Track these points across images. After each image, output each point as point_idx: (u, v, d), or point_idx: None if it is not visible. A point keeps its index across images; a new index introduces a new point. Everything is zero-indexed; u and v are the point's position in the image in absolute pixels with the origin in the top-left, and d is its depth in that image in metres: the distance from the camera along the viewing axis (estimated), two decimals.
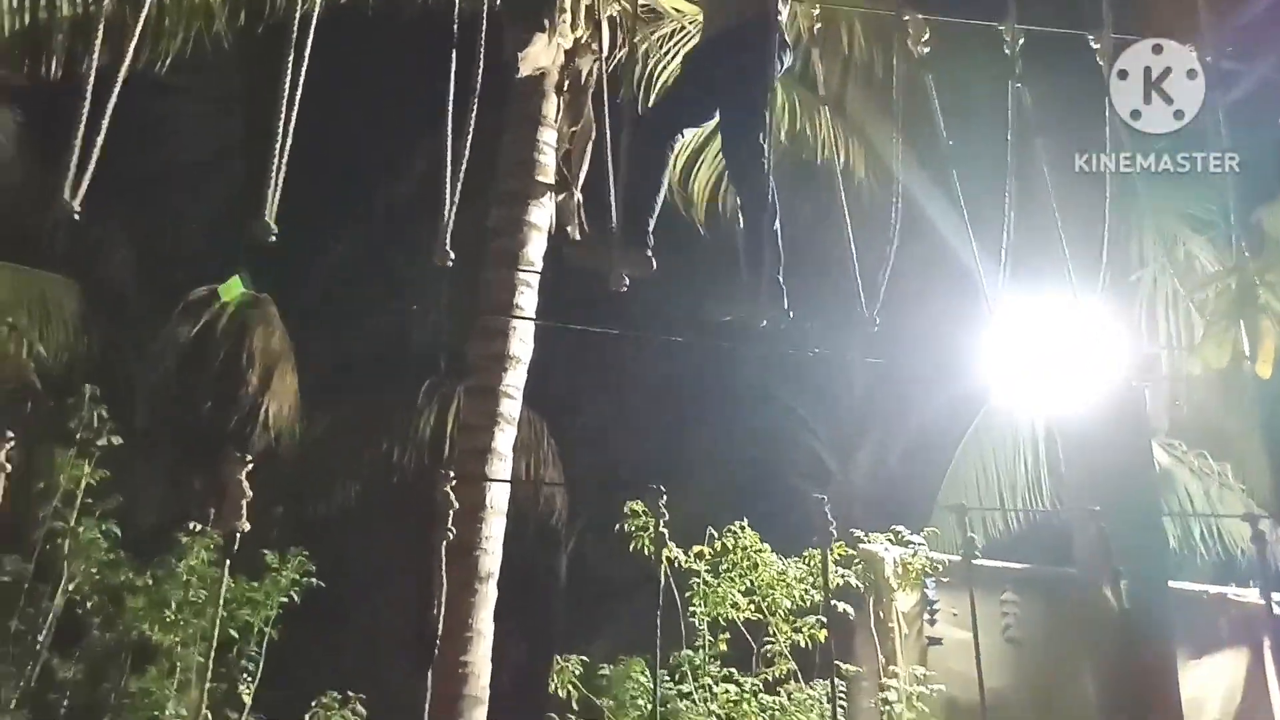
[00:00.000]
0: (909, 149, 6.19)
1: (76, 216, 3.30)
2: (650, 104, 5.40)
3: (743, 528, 6.65)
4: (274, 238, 3.56)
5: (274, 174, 3.58)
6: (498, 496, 5.88)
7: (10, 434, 3.29)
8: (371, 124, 11.14)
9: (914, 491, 10.27)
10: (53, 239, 9.95)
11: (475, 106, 4.21)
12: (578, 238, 6.52)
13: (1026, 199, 4.60)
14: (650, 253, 4.26)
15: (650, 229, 4.33)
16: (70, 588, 5.97)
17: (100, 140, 3.39)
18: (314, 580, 6.56)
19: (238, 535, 3.58)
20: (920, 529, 6.96)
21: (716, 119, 4.58)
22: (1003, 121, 4.49)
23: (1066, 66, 4.90)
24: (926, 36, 4.64)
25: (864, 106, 7.54)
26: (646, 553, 6.21)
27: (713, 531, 6.62)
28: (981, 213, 4.66)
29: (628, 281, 4.08)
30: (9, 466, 3.26)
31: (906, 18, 4.69)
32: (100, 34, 4.12)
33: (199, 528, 6.17)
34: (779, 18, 4.41)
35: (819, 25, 5.75)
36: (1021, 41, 4.52)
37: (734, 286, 4.40)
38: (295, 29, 3.88)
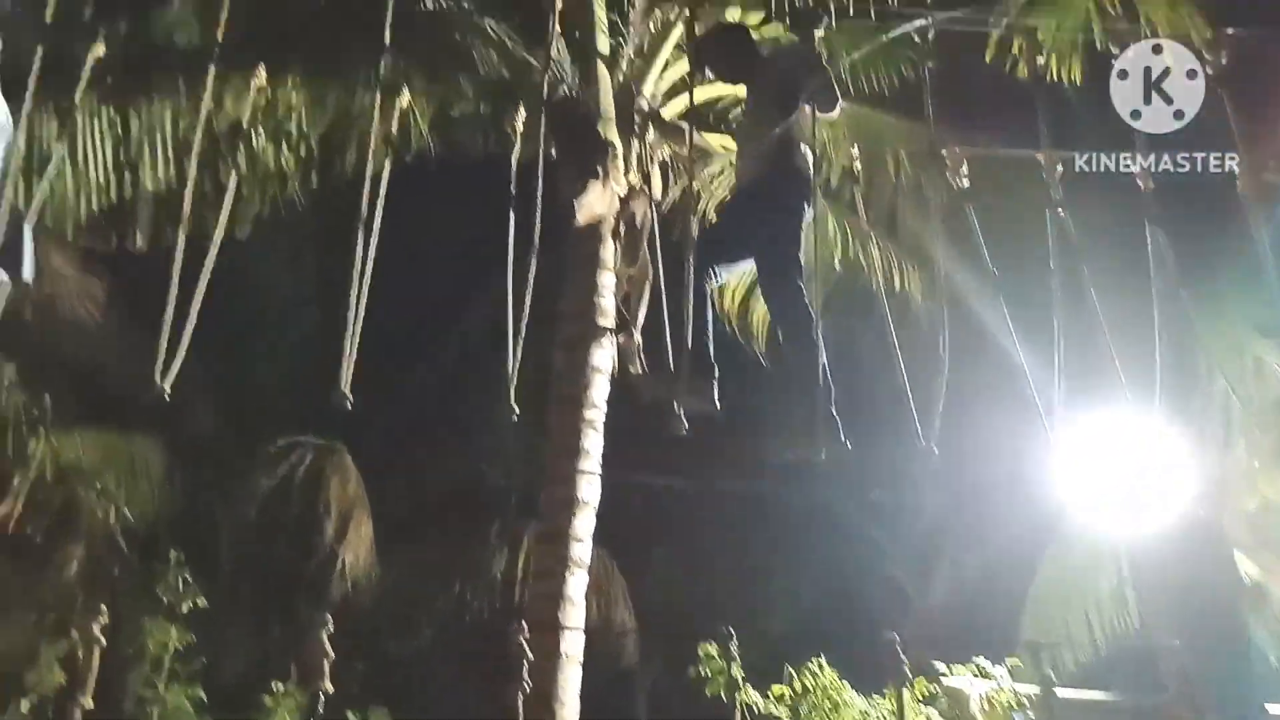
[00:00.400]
0: (962, 273, 6.29)
1: (167, 399, 3.49)
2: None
3: (821, 666, 6.53)
4: (350, 405, 3.72)
5: (349, 345, 3.75)
6: (572, 644, 5.86)
7: (103, 607, 3.41)
8: (437, 271, 11.53)
9: (996, 615, 10.01)
10: (137, 400, 10.35)
11: (535, 254, 4.41)
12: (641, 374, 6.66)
13: (1080, 321, 4.63)
14: (715, 388, 4.35)
15: (710, 362, 4.43)
16: None
17: (188, 327, 3.60)
18: None
19: (321, 696, 3.62)
20: (1004, 656, 6.78)
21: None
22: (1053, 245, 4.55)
23: (1108, 191, 4.97)
24: (965, 168, 4.76)
25: (916, 231, 7.64)
26: (723, 697, 6.13)
27: (791, 671, 6.51)
28: (1038, 336, 4.69)
29: (688, 425, 4.16)
30: (103, 641, 3.37)
31: (944, 150, 4.83)
32: (187, 214, 4.43)
33: (281, 688, 6.22)
34: (807, 164, 4.57)
35: (859, 160, 5.91)
36: (1060, 169, 4.62)
37: (795, 419, 4.45)
38: (365, 208, 4.12)
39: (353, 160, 7.04)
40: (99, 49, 4.46)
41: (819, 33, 5.00)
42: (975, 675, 6.66)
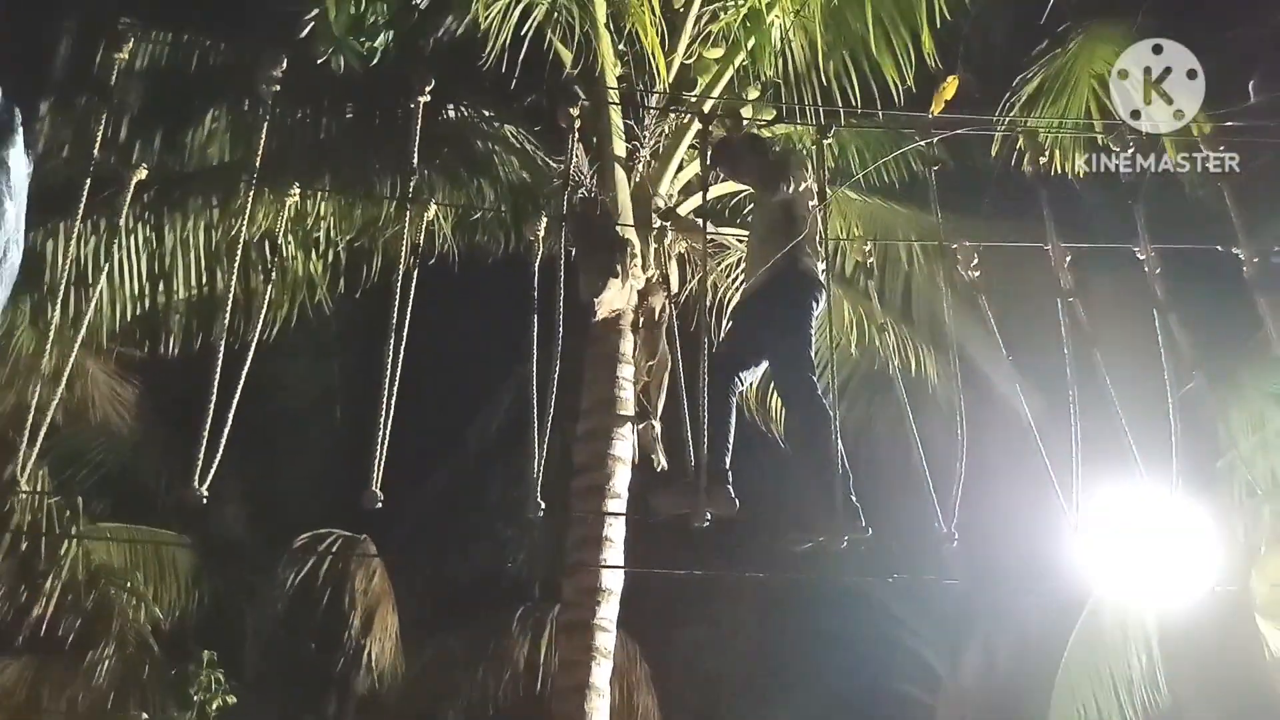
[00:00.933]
0: (979, 358, 6.41)
1: (204, 503, 3.62)
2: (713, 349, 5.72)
3: None
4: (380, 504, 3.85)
5: (380, 445, 3.89)
6: None
7: (145, 715, 3.50)
8: (459, 366, 11.72)
9: (1029, 690, 9.95)
10: (165, 498, 10.52)
11: (559, 352, 4.55)
12: (662, 464, 6.77)
13: (1098, 402, 4.71)
14: (732, 492, 4.44)
15: (727, 467, 4.53)
16: None
17: (224, 432, 3.75)
18: None
19: None
20: None
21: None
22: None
23: (1118, 274, 5.10)
24: (976, 261, 4.91)
25: (931, 316, 7.78)
26: None
27: None
28: (1056, 416, 4.77)
29: (710, 518, 4.26)
30: None
31: (954, 245, 4.99)
32: (227, 319, 4.61)
33: None
34: (814, 264, 4.71)
35: (873, 250, 6.07)
36: (1069, 259, 4.76)
37: (816, 508, 4.53)
38: (394, 312, 4.30)
39: (378, 265, 7.28)
40: (141, 173, 4.65)
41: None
42: None
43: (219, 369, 3.90)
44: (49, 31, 7.59)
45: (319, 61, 5.36)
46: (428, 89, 4.55)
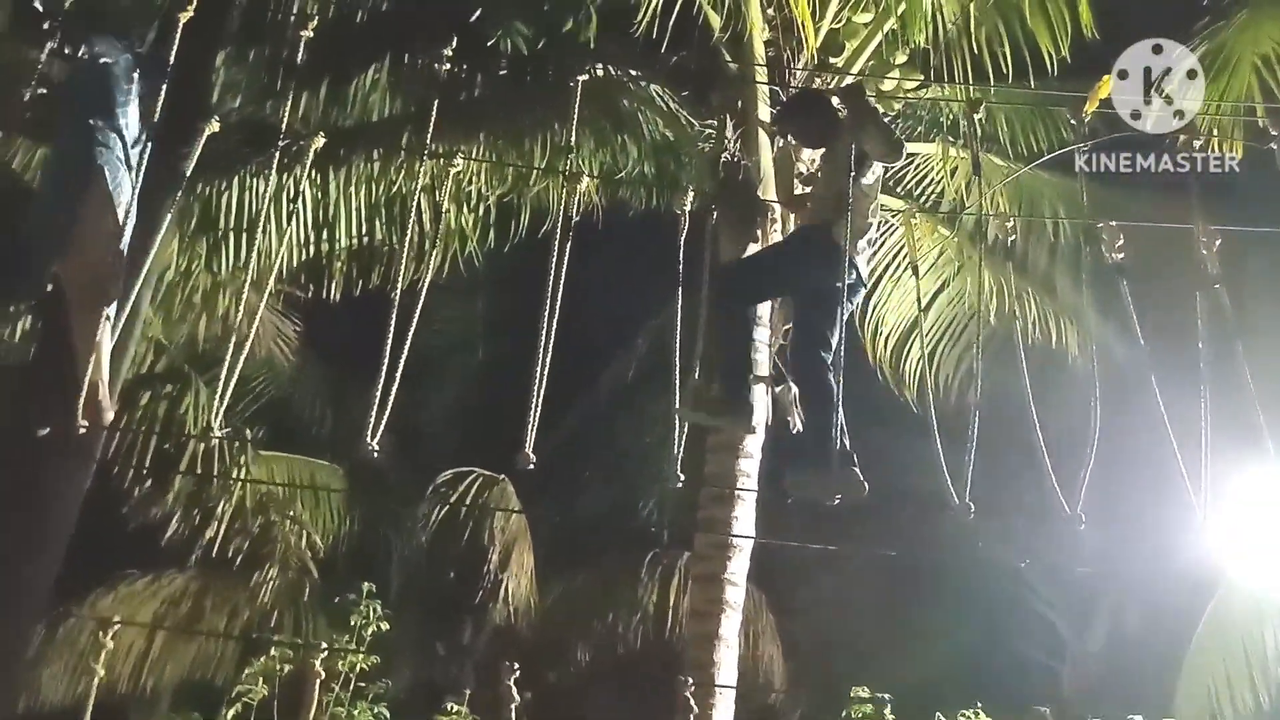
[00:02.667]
0: (1115, 336, 6.33)
1: (375, 455, 3.94)
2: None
3: (977, 713, 6.60)
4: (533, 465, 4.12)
5: (533, 413, 4.15)
6: (726, 681, 6.15)
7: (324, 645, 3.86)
8: (596, 313, 12.00)
9: (1157, 663, 9.82)
10: (320, 427, 11.19)
11: (704, 312, 4.72)
12: (798, 426, 6.91)
13: (1230, 384, 4.64)
14: (859, 474, 4.56)
15: (849, 451, 4.61)
16: None
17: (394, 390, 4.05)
18: None
19: None
20: (1163, 715, 6.69)
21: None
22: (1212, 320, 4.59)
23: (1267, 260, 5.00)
24: (1121, 242, 4.86)
25: (1072, 289, 7.67)
26: None
27: (942, 717, 6.59)
28: (1194, 397, 4.73)
29: (840, 498, 4.40)
30: (321, 671, 3.83)
31: (1100, 225, 4.94)
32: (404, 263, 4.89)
33: (454, 708, 6.72)
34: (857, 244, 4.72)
35: (1016, 219, 6.02)
36: (1219, 243, 4.67)
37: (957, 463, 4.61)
38: (552, 272, 4.54)
39: (525, 220, 7.56)
40: (319, 141, 4.96)
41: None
42: None
43: (390, 340, 4.17)
44: None
45: (489, 44, 5.58)
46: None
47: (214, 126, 4.77)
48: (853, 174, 4.57)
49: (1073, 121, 4.86)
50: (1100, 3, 6.12)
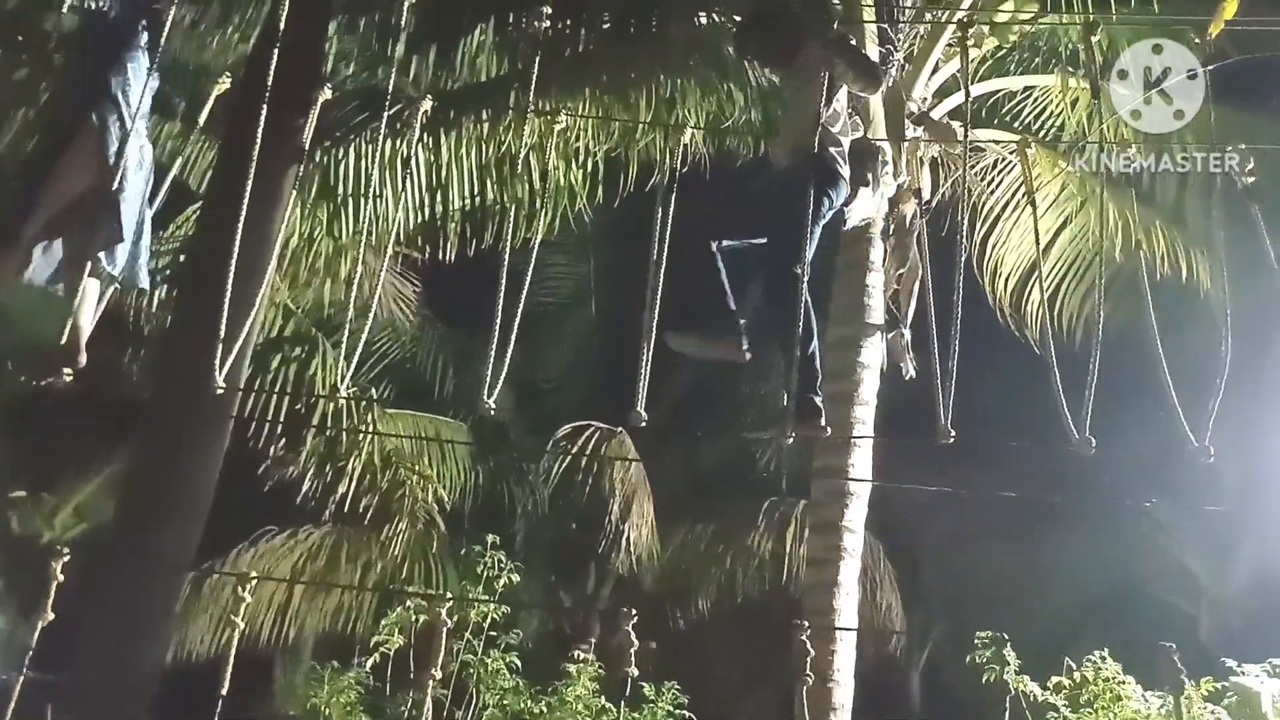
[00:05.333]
0: (1257, 264, 6.03)
1: (492, 413, 4.04)
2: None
3: (1104, 657, 6.47)
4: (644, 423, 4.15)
5: (643, 374, 4.18)
6: (845, 627, 6.17)
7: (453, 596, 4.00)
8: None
9: None
10: (442, 385, 11.47)
11: (806, 264, 4.64)
12: (911, 372, 6.83)
13: None
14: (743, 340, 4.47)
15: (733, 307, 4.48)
16: (484, 716, 6.78)
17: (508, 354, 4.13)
18: (685, 711, 7.05)
19: (628, 679, 4.07)
20: None
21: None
22: None
23: None
24: (1251, 165, 4.63)
25: (1202, 220, 7.35)
26: (1001, 687, 6.22)
27: (1070, 663, 6.48)
28: None
29: (953, 435, 4.28)
30: (447, 620, 3.97)
31: (1230, 149, 4.72)
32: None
33: (581, 656, 6.90)
34: (837, 157, 4.45)
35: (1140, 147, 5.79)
36: None
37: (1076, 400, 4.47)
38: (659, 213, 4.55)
39: (634, 174, 7.58)
40: (427, 103, 5.04)
41: None
42: (1269, 675, 6.40)
43: (500, 310, 4.23)
44: None
45: None
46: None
47: (327, 94, 4.90)
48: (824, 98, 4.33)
49: (1198, 43, 4.63)
50: None
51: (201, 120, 5.17)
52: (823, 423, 4.31)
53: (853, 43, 4.71)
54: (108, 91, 4.01)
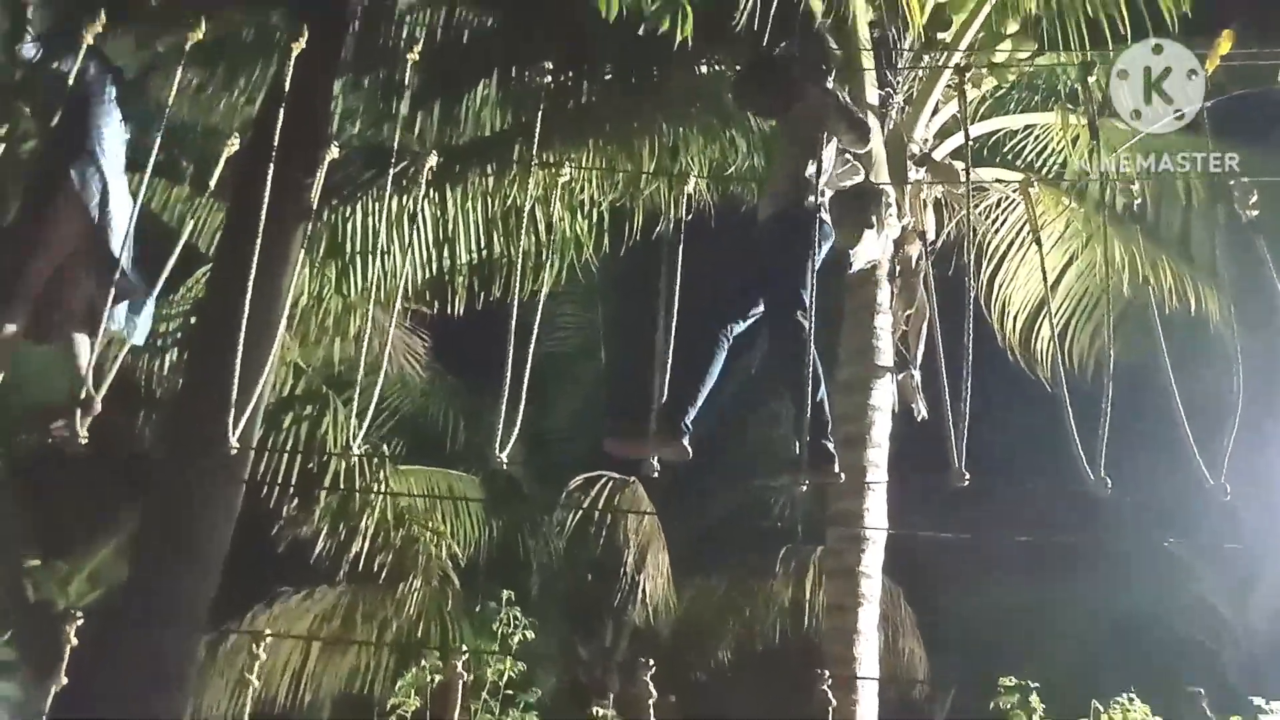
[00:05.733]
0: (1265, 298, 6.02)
1: (504, 468, 4.03)
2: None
3: (1131, 699, 6.36)
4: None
5: (654, 417, 4.16)
6: (866, 674, 6.09)
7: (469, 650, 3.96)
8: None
9: None
10: (454, 439, 11.46)
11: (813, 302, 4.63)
12: (922, 414, 6.81)
13: None
14: (686, 443, 4.36)
15: (688, 417, 4.39)
16: None
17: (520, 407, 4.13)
18: None
19: None
20: None
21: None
22: None
23: None
24: (1255, 199, 4.63)
25: (1211, 252, 7.35)
26: None
27: (1098, 705, 6.37)
28: None
29: (967, 478, 4.27)
30: (465, 675, 3.93)
31: (1233, 182, 4.72)
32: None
33: (601, 711, 6.81)
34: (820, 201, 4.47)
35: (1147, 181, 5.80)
36: None
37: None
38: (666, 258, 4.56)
39: (639, 223, 7.62)
40: (432, 159, 5.09)
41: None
42: None
43: (509, 363, 4.23)
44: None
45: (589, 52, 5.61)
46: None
47: (334, 154, 4.95)
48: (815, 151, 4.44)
49: (1194, 74, 4.65)
50: None
51: (212, 183, 5.22)
52: (836, 468, 4.29)
53: (845, 97, 4.77)
54: (84, 147, 4.07)
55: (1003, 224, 7.84)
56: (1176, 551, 11.79)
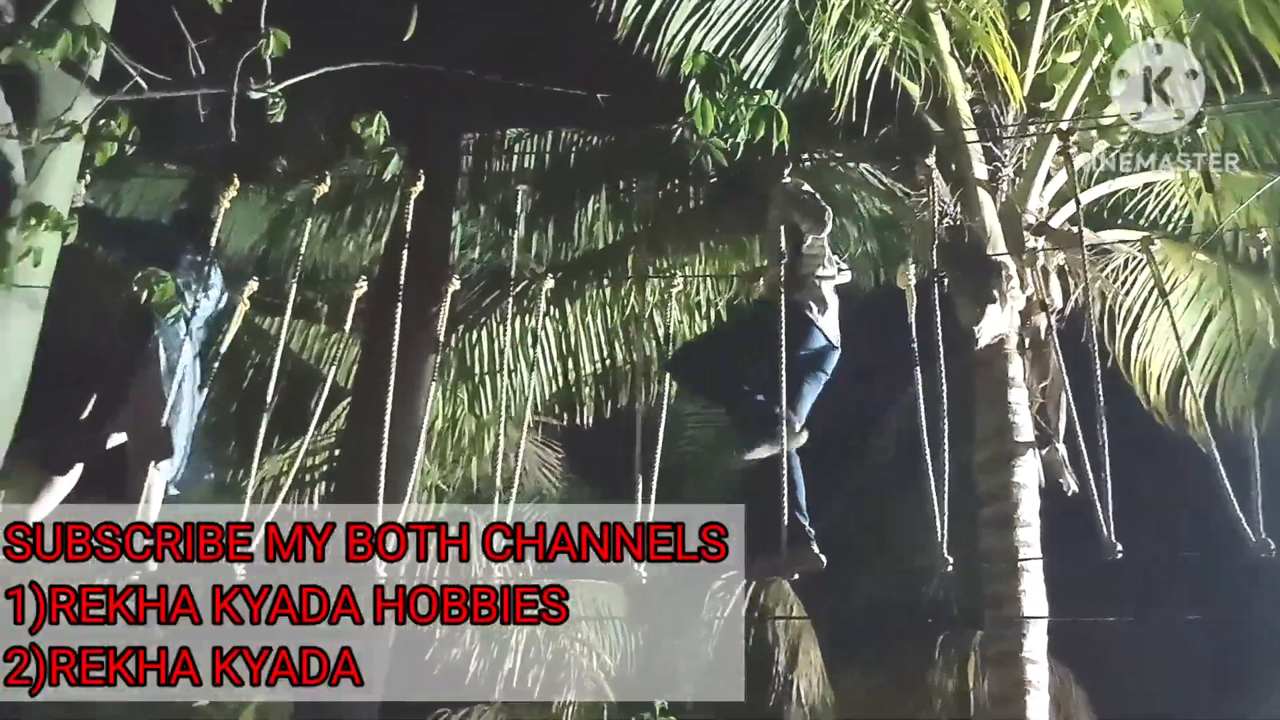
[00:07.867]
0: None
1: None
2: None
3: None
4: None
5: (785, 511, 4.13)
6: None
7: None
8: (836, 399, 11.88)
9: None
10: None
11: (944, 383, 4.57)
12: (1072, 487, 6.56)
13: None
14: (816, 548, 4.41)
15: (806, 523, 4.45)
16: None
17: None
18: None
19: None
20: None
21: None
22: None
23: None
24: None
25: None
26: None
27: None
28: None
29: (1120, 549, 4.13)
30: None
31: None
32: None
33: None
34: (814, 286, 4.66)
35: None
36: None
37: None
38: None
39: None
40: (550, 281, 5.27)
41: None
42: None
43: (638, 456, 4.29)
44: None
45: (690, 163, 5.81)
46: None
47: (456, 285, 5.17)
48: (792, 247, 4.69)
49: None
50: None
51: (348, 325, 5.48)
52: (815, 549, 4.38)
53: (804, 189, 4.95)
54: (167, 333, 4.33)
55: (1133, 284, 7.62)
56: None
